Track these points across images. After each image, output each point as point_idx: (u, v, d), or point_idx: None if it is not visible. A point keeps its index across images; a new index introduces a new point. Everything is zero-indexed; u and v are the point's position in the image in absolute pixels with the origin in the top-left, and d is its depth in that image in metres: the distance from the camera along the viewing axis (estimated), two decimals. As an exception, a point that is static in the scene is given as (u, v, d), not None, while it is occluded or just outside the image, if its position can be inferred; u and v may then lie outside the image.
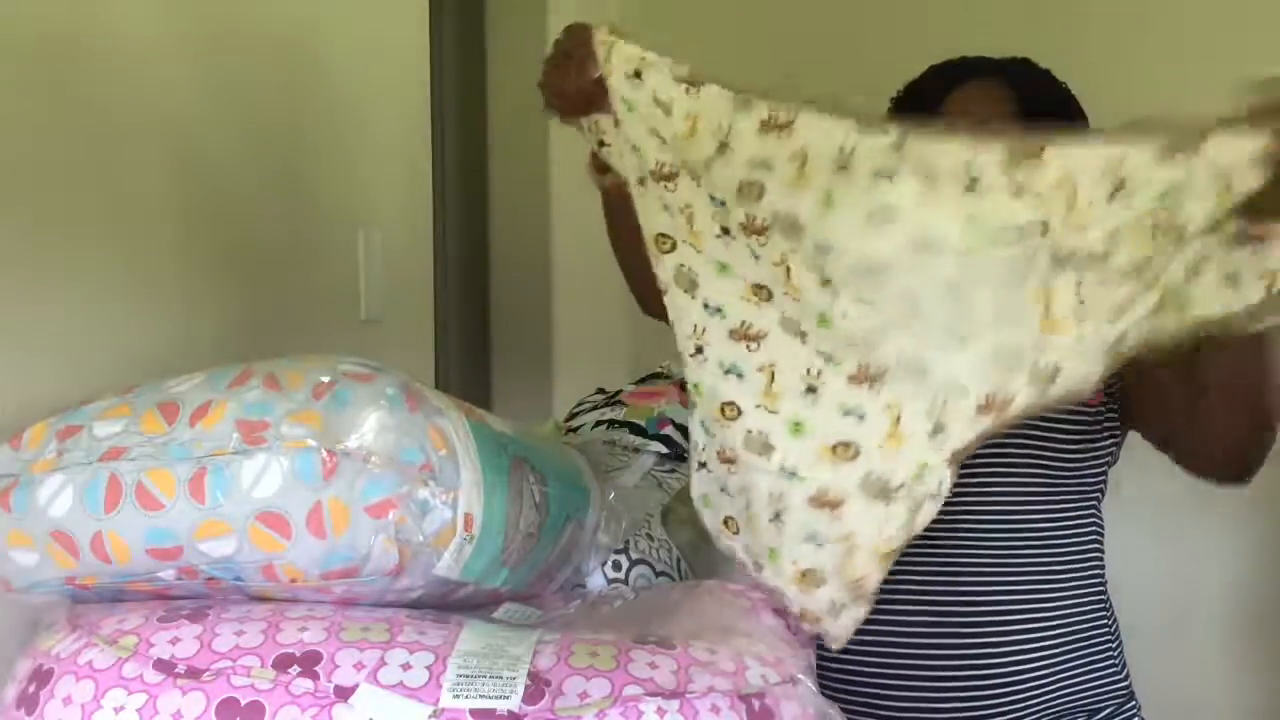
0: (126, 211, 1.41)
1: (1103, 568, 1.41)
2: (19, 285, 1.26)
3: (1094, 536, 1.40)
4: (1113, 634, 1.40)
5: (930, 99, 1.37)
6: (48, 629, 0.99)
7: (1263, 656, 2.45)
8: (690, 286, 1.19)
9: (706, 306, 1.19)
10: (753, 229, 1.13)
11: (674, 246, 1.20)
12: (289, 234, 1.73)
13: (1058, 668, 1.33)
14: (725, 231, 1.16)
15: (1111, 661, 1.39)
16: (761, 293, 1.16)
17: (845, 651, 1.29)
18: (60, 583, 1.03)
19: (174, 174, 1.49)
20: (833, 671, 1.36)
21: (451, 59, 2.65)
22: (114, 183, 1.39)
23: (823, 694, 1.01)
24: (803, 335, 1.14)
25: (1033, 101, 1.37)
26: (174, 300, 1.48)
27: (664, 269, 1.21)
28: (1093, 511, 1.40)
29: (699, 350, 1.19)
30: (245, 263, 1.62)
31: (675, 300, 1.20)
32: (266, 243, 1.67)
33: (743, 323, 1.17)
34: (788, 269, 1.13)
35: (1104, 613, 1.40)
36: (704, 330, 1.19)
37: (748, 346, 1.17)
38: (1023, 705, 1.31)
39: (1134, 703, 1.41)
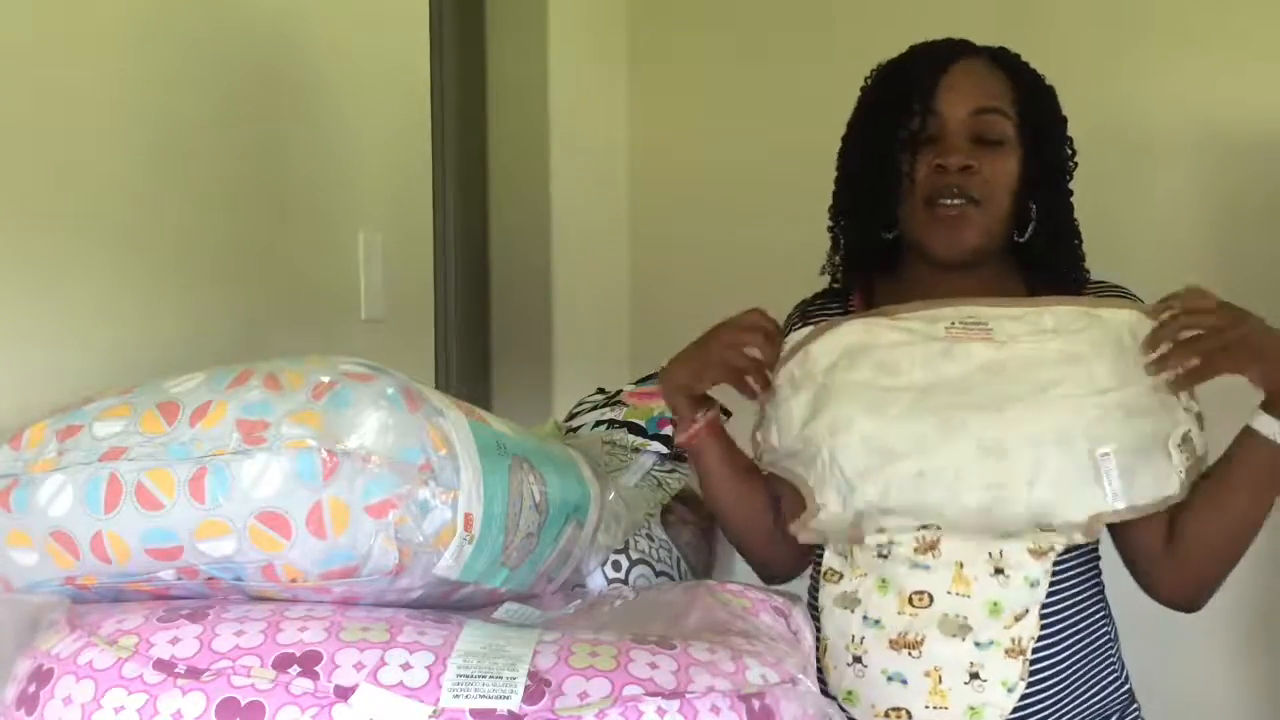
0: (126, 212, 1.41)
1: (1100, 573, 1.40)
2: (19, 285, 1.26)
3: (1095, 542, 1.39)
4: (1113, 637, 1.40)
5: (925, 78, 1.37)
6: (48, 629, 0.99)
7: (1263, 656, 2.45)
8: (851, 604, 1.30)
9: (865, 619, 1.29)
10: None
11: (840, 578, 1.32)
12: (289, 234, 1.73)
13: (1064, 676, 1.32)
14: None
15: (1113, 666, 1.38)
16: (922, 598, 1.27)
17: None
18: (60, 583, 1.03)
19: (174, 174, 1.49)
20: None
21: (451, 59, 2.65)
22: (114, 183, 1.39)
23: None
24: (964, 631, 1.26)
25: (1022, 85, 1.38)
26: (174, 300, 1.48)
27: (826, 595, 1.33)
28: None
29: (857, 660, 1.29)
30: (245, 263, 1.63)
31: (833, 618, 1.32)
32: (267, 243, 1.68)
33: (901, 633, 1.27)
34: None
35: (1106, 617, 1.39)
36: (861, 640, 1.29)
37: (910, 654, 1.26)
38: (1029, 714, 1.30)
39: (1135, 704, 1.40)
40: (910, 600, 1.27)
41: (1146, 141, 2.46)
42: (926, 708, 1.25)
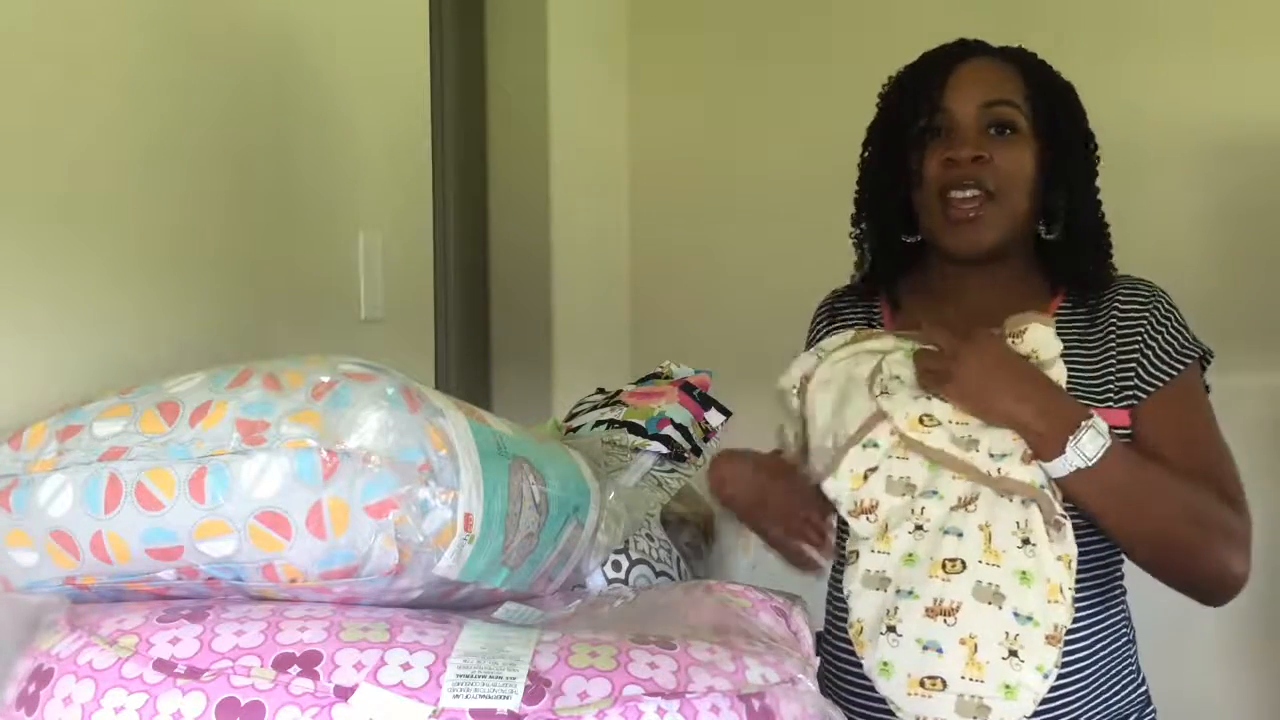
0: (127, 212, 1.41)
1: (1123, 577, 1.39)
2: (18, 285, 1.26)
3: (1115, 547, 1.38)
4: (1132, 639, 1.39)
5: (934, 76, 1.37)
6: (48, 629, 0.99)
7: (1265, 657, 2.45)
8: (882, 584, 1.29)
9: (899, 592, 1.27)
10: None
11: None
12: (289, 234, 1.73)
13: (1085, 680, 1.31)
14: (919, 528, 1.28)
15: (1132, 666, 1.37)
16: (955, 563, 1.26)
17: (850, 654, 1.29)
18: (60, 583, 1.03)
19: (174, 174, 1.49)
20: (837, 672, 1.35)
21: (451, 59, 2.65)
22: (114, 184, 1.39)
23: (827, 695, 1.01)
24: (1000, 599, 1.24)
25: (1034, 78, 1.38)
26: (174, 300, 1.48)
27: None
28: None
29: (891, 629, 1.27)
30: (245, 263, 1.62)
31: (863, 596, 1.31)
32: (267, 243, 1.68)
33: (936, 599, 1.25)
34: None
35: (1126, 621, 1.38)
36: (896, 610, 1.27)
37: (945, 621, 1.24)
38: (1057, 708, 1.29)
39: (1152, 707, 1.39)
40: (943, 566, 1.25)
41: (1143, 144, 2.46)
42: (963, 678, 1.22)
